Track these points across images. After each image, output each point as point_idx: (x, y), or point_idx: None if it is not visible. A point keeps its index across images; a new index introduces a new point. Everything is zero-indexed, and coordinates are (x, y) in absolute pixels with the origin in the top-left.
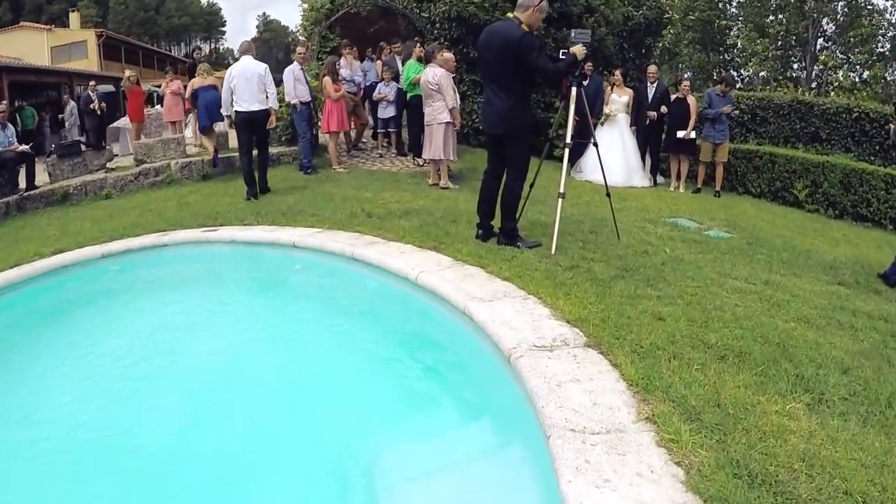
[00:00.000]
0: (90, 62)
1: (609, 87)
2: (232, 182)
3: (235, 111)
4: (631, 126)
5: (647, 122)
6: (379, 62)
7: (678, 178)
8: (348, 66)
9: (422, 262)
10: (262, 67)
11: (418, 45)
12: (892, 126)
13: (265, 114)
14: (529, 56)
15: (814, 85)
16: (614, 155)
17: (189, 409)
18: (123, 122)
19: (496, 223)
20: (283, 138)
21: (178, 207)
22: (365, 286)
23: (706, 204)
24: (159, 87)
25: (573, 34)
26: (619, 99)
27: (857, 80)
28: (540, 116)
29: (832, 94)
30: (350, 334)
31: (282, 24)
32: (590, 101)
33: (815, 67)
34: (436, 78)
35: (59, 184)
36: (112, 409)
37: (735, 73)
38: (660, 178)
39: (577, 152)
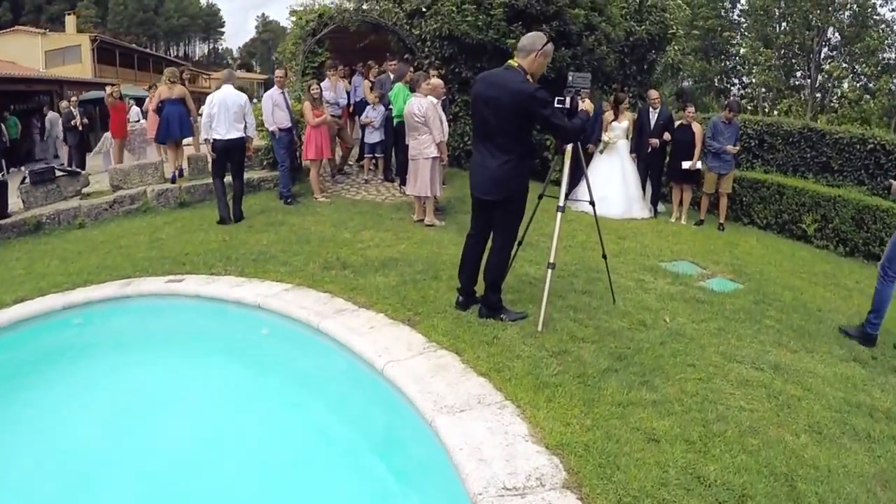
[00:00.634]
0: (84, 66)
1: (609, 111)
2: (208, 211)
3: (213, 139)
4: (631, 153)
5: (649, 149)
6: (367, 82)
7: (680, 206)
8: (332, 88)
9: (391, 343)
10: (243, 98)
11: (412, 68)
12: (892, 183)
13: (242, 141)
14: (543, 112)
15: (818, 95)
16: (613, 185)
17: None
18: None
19: (480, 286)
20: (265, 163)
21: (149, 245)
22: (330, 365)
23: (709, 241)
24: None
25: (571, 77)
26: (619, 125)
27: (863, 91)
28: (535, 138)
29: (836, 103)
30: (304, 427)
31: (280, 24)
32: (587, 126)
33: (819, 76)
34: (422, 110)
35: (31, 212)
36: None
37: (736, 81)
38: (661, 207)
39: (573, 181)
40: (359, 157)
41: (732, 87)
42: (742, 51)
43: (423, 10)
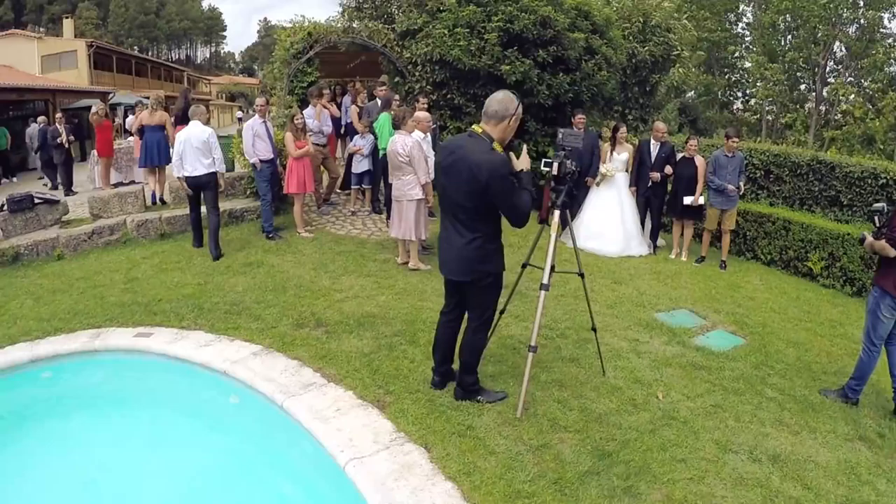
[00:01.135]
0: (80, 72)
1: (607, 142)
2: (188, 244)
3: (184, 176)
4: (630, 186)
5: (650, 183)
6: (354, 107)
7: (680, 245)
8: (316, 116)
9: (356, 432)
10: (208, 133)
11: (397, 98)
12: (865, 235)
13: (211, 176)
14: (503, 198)
15: (822, 108)
16: (611, 221)
17: None
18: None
19: (456, 358)
20: (248, 192)
21: (124, 285)
22: (294, 450)
23: (710, 282)
24: (148, 98)
25: (561, 136)
26: (618, 156)
27: (870, 108)
28: (532, 167)
29: (839, 116)
30: None
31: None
32: (584, 158)
33: (825, 90)
34: (406, 149)
35: (9, 243)
36: None
37: (740, 94)
38: (660, 241)
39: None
40: (342, 184)
41: (736, 101)
42: (747, 64)
43: (414, 29)
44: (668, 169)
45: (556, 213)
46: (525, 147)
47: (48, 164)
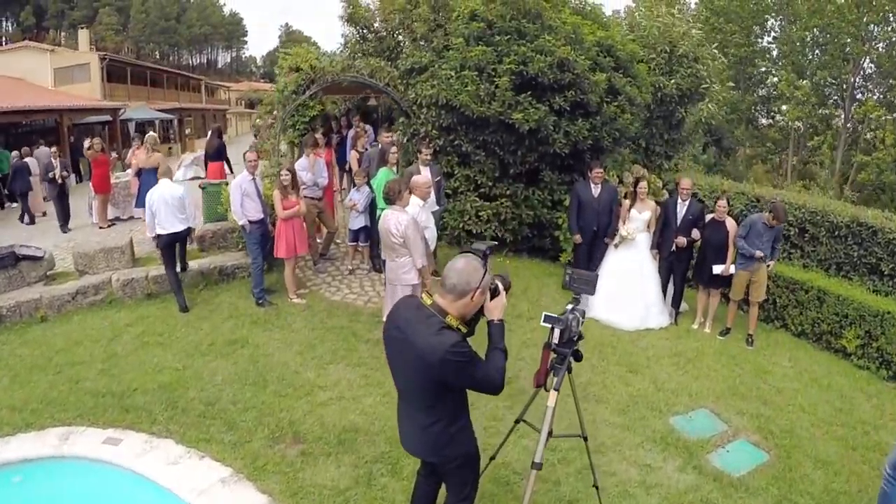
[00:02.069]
0: (93, 85)
1: (626, 197)
2: (172, 307)
3: (158, 234)
4: (652, 248)
5: (674, 247)
6: (354, 153)
7: (704, 315)
8: (310, 168)
9: None
10: (180, 191)
11: (394, 151)
12: None
13: (187, 231)
14: (464, 379)
15: (849, 126)
16: (630, 288)
17: None
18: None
19: None
20: (240, 245)
21: (101, 367)
22: None
23: (735, 366)
24: (165, 111)
25: (569, 277)
26: (638, 215)
27: None
28: (546, 217)
29: (870, 136)
30: None
31: (304, 33)
32: (602, 216)
33: (852, 107)
34: (400, 229)
35: None
36: None
37: (765, 111)
38: (683, 306)
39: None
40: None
41: (762, 117)
42: (775, 80)
43: (419, 67)
44: (696, 233)
45: (555, 394)
46: (502, 286)
47: (20, 196)
